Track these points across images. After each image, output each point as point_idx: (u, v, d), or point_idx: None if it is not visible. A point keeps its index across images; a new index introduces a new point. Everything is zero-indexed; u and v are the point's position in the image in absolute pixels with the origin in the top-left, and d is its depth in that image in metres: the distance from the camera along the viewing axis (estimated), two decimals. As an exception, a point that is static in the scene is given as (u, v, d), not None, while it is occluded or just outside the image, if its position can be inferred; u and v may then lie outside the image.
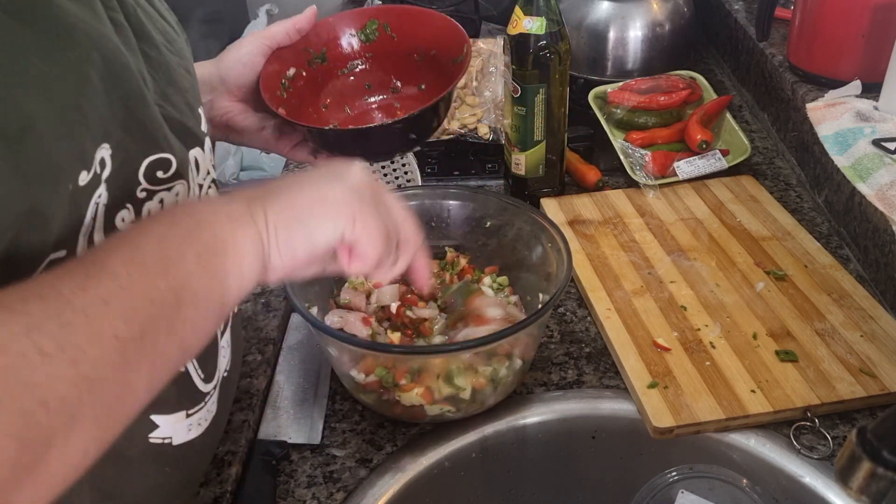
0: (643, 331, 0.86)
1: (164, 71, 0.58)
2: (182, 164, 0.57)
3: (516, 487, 0.84)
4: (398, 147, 0.86)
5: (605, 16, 1.29)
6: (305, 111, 0.86)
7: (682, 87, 1.21)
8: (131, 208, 0.53)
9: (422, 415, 0.77)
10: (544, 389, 0.83)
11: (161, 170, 0.55)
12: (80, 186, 0.47)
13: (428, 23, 0.88)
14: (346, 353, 0.77)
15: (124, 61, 0.51)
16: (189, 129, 0.60)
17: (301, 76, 0.86)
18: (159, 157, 0.55)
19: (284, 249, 0.50)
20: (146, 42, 0.56)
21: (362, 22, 0.89)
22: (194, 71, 0.65)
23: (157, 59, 0.57)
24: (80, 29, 0.47)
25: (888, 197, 0.88)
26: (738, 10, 1.40)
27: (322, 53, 0.88)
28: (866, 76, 1.05)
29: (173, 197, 0.57)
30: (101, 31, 0.50)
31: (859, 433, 0.50)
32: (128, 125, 0.51)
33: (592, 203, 1.08)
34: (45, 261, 0.45)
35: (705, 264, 0.96)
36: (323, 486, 0.74)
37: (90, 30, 0.48)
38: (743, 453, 0.76)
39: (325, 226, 0.52)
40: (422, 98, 0.83)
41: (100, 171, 0.48)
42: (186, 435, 0.62)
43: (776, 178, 1.16)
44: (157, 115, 0.55)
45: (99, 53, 0.48)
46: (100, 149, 0.48)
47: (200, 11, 1.64)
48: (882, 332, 0.84)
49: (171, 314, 0.43)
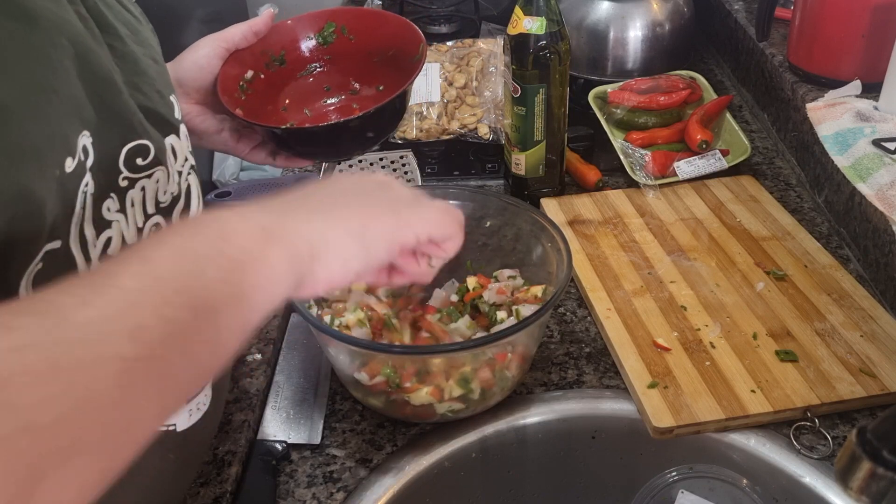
0: (643, 331, 0.86)
1: (130, 61, 0.58)
2: (160, 151, 0.58)
3: (516, 487, 0.84)
4: (356, 145, 0.87)
5: (605, 16, 1.29)
6: (264, 113, 0.87)
7: (682, 87, 1.21)
8: (115, 198, 0.53)
9: (431, 413, 0.77)
10: (544, 389, 0.83)
11: (140, 157, 0.55)
12: (66, 173, 0.46)
13: (384, 23, 0.89)
14: (349, 354, 0.76)
15: (92, 47, 0.51)
16: (162, 116, 0.59)
17: (259, 79, 0.87)
18: (137, 144, 0.55)
19: (335, 263, 0.48)
20: (110, 34, 0.56)
21: (320, 25, 0.90)
22: (162, 60, 0.65)
23: (121, 50, 0.57)
24: (43, 16, 0.47)
25: (888, 197, 0.88)
26: (738, 10, 1.40)
27: (281, 56, 0.89)
28: (866, 76, 1.05)
29: (154, 184, 0.57)
30: (66, 18, 0.49)
31: (859, 433, 0.50)
32: (102, 112, 0.51)
33: (592, 203, 1.08)
34: (40, 251, 0.45)
35: (705, 264, 0.96)
36: (323, 486, 0.74)
37: (53, 17, 0.48)
38: (743, 453, 0.76)
39: (382, 241, 0.51)
40: (380, 98, 0.84)
41: (84, 158, 0.49)
42: (188, 420, 0.63)
43: (776, 178, 1.16)
44: (129, 102, 0.55)
45: (66, 38, 0.48)
46: (81, 136, 0.48)
47: (200, 11, 1.64)
48: (882, 332, 0.84)
49: (186, 333, 0.39)
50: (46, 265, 0.47)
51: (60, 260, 0.48)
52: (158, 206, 0.59)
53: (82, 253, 0.50)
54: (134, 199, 0.55)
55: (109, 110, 0.52)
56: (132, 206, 0.56)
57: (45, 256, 0.46)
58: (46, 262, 0.47)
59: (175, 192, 0.61)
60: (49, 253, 0.46)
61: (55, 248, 0.47)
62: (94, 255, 0.51)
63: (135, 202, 0.56)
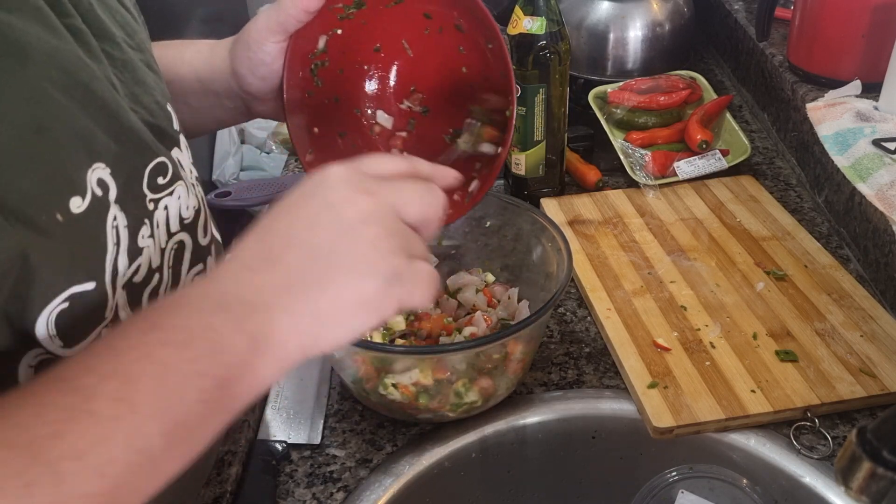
0: (643, 331, 0.86)
1: (129, 70, 0.55)
2: (175, 165, 0.56)
3: (516, 487, 0.84)
4: None
5: (605, 16, 1.29)
6: (351, 68, 0.73)
7: (682, 87, 1.21)
8: (148, 223, 0.51)
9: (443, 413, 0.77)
10: (544, 389, 0.83)
11: (161, 175, 0.54)
12: (75, 214, 0.44)
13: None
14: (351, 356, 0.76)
15: (91, 72, 0.49)
16: (164, 130, 0.57)
17: (336, 37, 0.71)
18: (157, 163, 0.53)
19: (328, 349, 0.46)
20: (107, 41, 0.53)
21: None
22: (157, 66, 0.61)
23: (120, 59, 0.54)
24: (36, 47, 0.44)
25: (888, 197, 0.88)
26: (738, 10, 1.40)
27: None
28: (866, 76, 1.05)
29: (176, 201, 0.55)
30: (57, 46, 0.46)
31: (859, 433, 0.50)
32: (118, 136, 0.49)
33: (592, 203, 1.08)
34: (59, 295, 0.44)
35: (705, 264, 0.96)
36: (323, 486, 0.74)
37: (44, 46, 0.45)
38: (743, 453, 0.76)
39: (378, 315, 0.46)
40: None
41: (101, 193, 0.46)
42: None
43: (776, 178, 1.16)
44: (136, 119, 0.53)
45: (58, 70, 0.45)
46: (92, 170, 0.46)
47: (200, 11, 1.64)
48: (882, 332, 0.84)
49: (155, 460, 0.39)
50: (73, 304, 0.45)
51: (89, 299, 0.46)
52: (183, 222, 0.57)
53: (112, 286, 0.48)
54: (159, 220, 0.53)
55: (123, 134, 0.50)
56: (157, 227, 0.54)
57: (70, 298, 0.45)
58: (73, 302, 0.45)
59: (196, 205, 0.59)
60: (75, 295, 0.45)
61: (87, 290, 0.45)
62: (118, 284, 0.49)
63: (159, 223, 0.54)
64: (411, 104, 0.76)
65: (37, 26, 0.45)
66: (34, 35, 0.45)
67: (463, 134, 0.73)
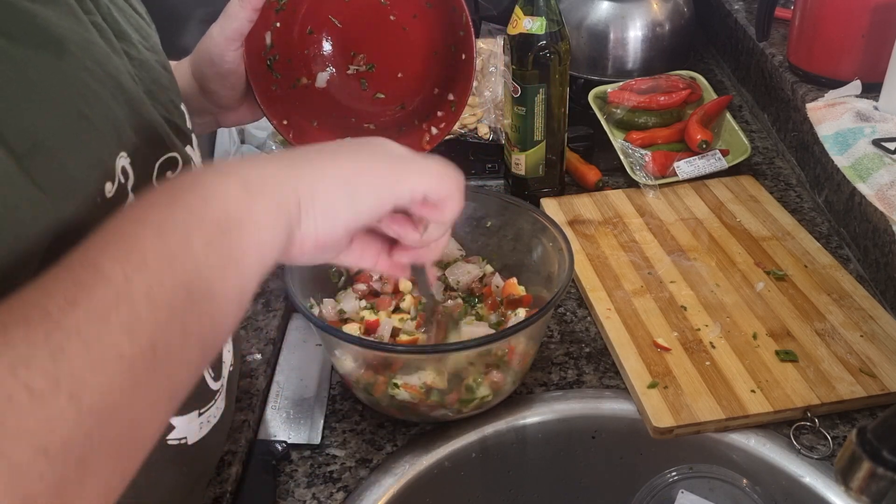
0: (643, 331, 0.86)
1: (146, 69, 0.56)
2: (186, 161, 0.57)
3: (516, 487, 0.84)
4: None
5: (605, 16, 1.29)
6: (299, 58, 0.82)
7: (682, 87, 1.21)
8: None
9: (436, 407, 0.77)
10: (544, 389, 0.83)
11: (170, 170, 0.54)
12: (107, 199, 0.45)
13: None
14: (353, 355, 0.76)
15: (116, 64, 0.50)
16: (178, 126, 0.58)
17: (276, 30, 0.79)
18: (168, 157, 0.54)
19: (322, 216, 0.45)
20: (125, 41, 0.55)
21: None
22: (170, 68, 0.63)
23: (138, 59, 0.56)
24: (68, 38, 0.45)
25: (888, 197, 0.88)
26: (738, 10, 1.40)
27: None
28: (866, 76, 1.05)
29: None
30: (88, 38, 0.48)
31: (859, 433, 0.50)
32: (138, 128, 0.50)
33: (592, 203, 1.08)
34: None
35: (705, 264, 0.96)
36: (323, 486, 0.74)
37: (77, 38, 0.47)
38: (743, 453, 0.76)
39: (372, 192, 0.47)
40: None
41: (124, 180, 0.47)
42: (199, 433, 0.62)
43: (776, 178, 1.16)
44: (156, 114, 0.54)
45: (92, 60, 0.47)
46: (119, 158, 0.47)
47: (200, 11, 1.64)
48: (882, 332, 0.84)
49: (182, 315, 0.37)
50: None
51: None
52: None
53: None
54: None
55: (143, 126, 0.51)
56: None
57: None
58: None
59: None
60: None
61: None
62: None
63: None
64: (357, 67, 0.86)
65: (70, 19, 0.47)
66: (68, 28, 0.46)
67: None
